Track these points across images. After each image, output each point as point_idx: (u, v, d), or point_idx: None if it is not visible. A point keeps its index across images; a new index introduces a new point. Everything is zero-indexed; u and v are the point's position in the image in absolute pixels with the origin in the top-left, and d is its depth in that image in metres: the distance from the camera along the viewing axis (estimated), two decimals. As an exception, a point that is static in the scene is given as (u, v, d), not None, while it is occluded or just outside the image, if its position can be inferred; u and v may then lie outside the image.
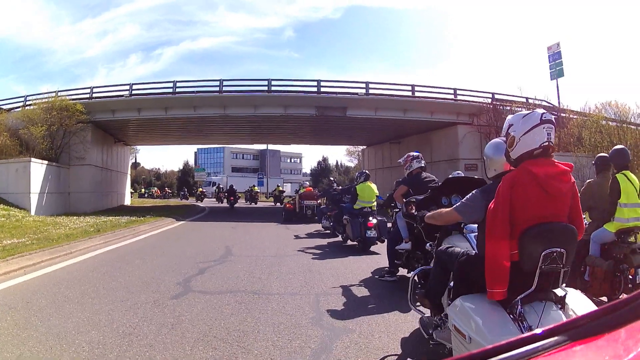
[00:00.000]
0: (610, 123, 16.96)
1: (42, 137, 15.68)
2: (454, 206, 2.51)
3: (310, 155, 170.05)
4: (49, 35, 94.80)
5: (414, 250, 5.06)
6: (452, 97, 20.11)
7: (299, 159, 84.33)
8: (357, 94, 19.66)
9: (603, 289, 3.85)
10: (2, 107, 18.41)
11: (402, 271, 5.49)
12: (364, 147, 31.77)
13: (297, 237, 10.27)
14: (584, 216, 2.21)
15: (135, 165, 70.81)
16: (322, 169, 61.58)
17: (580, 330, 0.75)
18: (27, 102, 18.11)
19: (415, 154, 5.42)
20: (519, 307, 1.97)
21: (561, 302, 2.01)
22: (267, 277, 5.33)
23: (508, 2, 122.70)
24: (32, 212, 14.54)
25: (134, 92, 18.53)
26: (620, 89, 76.53)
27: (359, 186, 8.19)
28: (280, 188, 31.43)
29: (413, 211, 3.20)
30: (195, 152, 75.96)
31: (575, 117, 18.65)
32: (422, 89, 20.27)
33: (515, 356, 0.71)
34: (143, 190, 47.89)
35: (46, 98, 17.35)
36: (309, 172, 70.96)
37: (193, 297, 4.26)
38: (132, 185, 33.82)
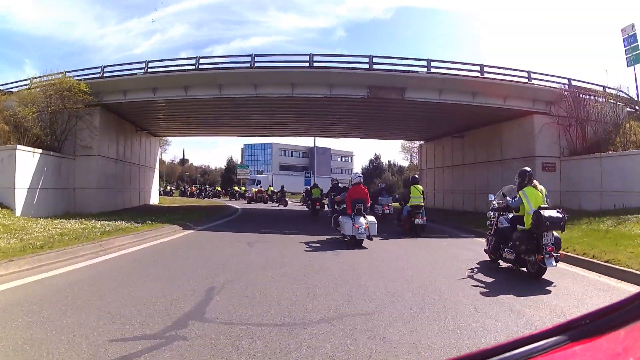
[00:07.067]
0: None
1: (33, 120, 12.97)
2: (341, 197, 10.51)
3: (361, 154, 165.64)
4: (95, 34, 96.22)
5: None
6: (525, 80, 16.10)
7: (350, 158, 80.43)
8: (417, 72, 15.68)
9: (405, 227, 11.45)
10: (11, 89, 16.12)
11: None
12: (421, 142, 27.60)
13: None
14: (420, 203, 11.36)
15: (183, 161, 70.67)
16: (374, 168, 56.98)
17: (579, 331, 0.77)
18: (33, 85, 15.69)
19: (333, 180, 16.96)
20: (353, 216, 9.17)
21: (364, 217, 9.21)
22: None
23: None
24: (17, 212, 11.89)
25: (149, 70, 15.52)
26: None
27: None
28: (236, 188, 40.73)
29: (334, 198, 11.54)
30: (242, 148, 74.25)
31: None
32: (492, 70, 16.32)
33: (515, 356, 0.72)
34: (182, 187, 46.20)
35: (51, 78, 14.77)
36: (360, 171, 66.79)
37: None
38: (175, 182, 31.69)
